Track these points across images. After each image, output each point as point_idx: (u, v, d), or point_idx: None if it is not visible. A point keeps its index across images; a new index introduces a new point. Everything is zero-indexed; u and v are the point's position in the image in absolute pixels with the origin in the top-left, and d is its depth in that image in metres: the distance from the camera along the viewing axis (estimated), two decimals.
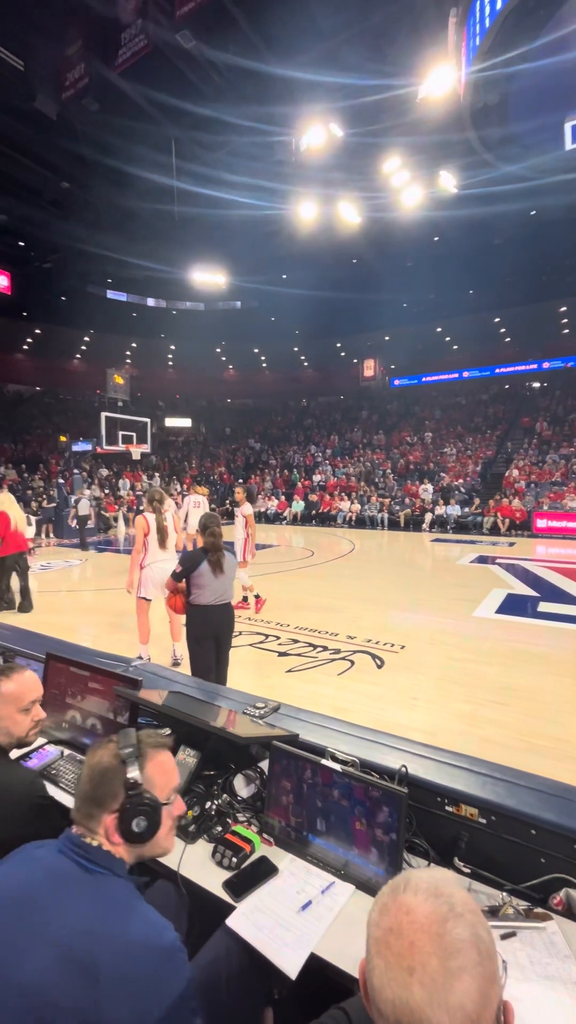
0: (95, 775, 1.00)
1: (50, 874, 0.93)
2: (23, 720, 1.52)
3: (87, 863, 0.94)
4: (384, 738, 1.61)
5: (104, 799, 0.98)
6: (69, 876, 0.92)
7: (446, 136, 11.41)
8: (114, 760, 1.01)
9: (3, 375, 26.03)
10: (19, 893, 0.90)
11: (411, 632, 5.85)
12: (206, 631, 3.46)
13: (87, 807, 0.99)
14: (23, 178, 13.37)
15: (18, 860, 0.99)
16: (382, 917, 0.59)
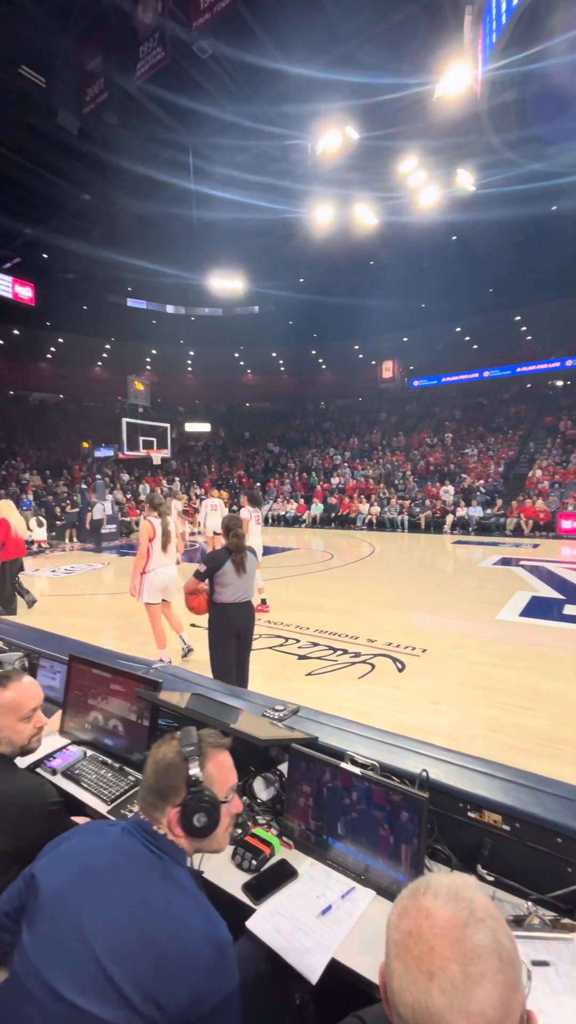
0: (159, 769, 1.05)
1: (124, 851, 1.00)
2: (24, 728, 1.50)
3: (154, 848, 1.00)
4: (404, 742, 1.59)
5: (167, 792, 1.03)
6: (140, 856, 0.98)
7: (463, 135, 11.29)
8: (177, 757, 1.05)
9: (28, 384, 26.70)
10: (99, 863, 0.97)
11: (433, 635, 5.78)
12: (229, 629, 3.53)
13: (151, 798, 1.04)
14: (46, 192, 13.72)
15: (88, 834, 1.06)
16: (401, 920, 0.59)
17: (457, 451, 21.76)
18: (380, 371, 28.80)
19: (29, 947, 0.90)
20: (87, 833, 1.07)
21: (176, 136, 11.58)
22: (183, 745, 1.07)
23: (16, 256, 17.43)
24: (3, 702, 1.47)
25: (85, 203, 14.21)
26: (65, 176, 13.00)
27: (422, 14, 9.09)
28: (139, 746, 1.76)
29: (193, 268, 18.79)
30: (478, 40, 8.23)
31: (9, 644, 2.73)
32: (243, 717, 1.69)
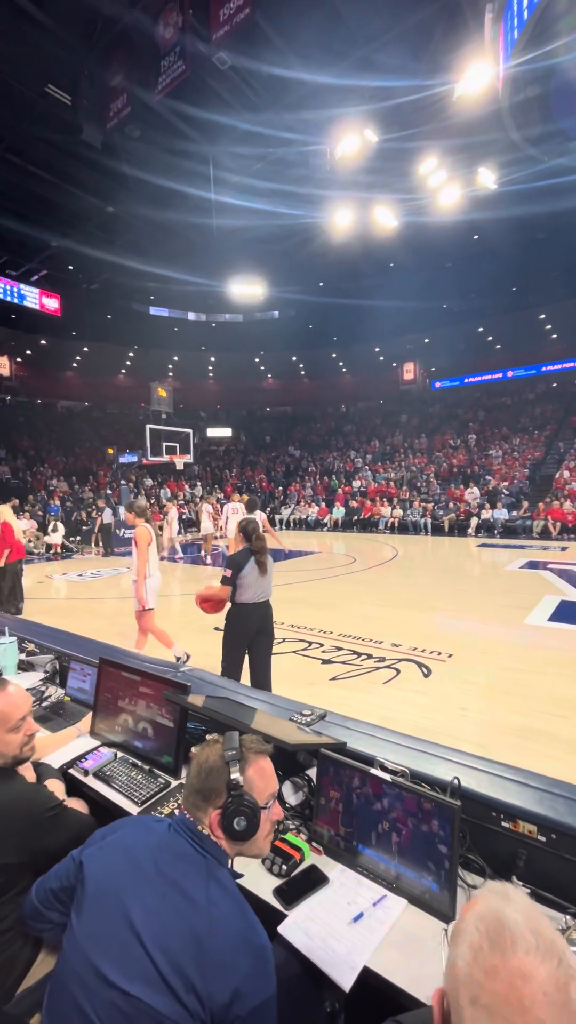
0: (202, 771, 1.08)
1: (170, 848, 1.02)
2: (14, 739, 1.44)
3: (199, 847, 1.02)
4: (434, 748, 1.57)
5: (209, 794, 1.06)
6: (186, 854, 1.01)
7: (484, 133, 11.19)
8: (219, 760, 1.08)
9: (55, 392, 27.38)
10: (146, 857, 1.00)
11: (459, 640, 5.69)
12: (248, 628, 3.58)
13: (195, 798, 1.07)
14: (71, 206, 14.10)
15: (140, 827, 1.09)
16: (491, 981, 0.53)
17: (481, 452, 21.41)
18: (401, 373, 28.59)
19: (78, 932, 0.94)
20: (135, 827, 1.10)
21: (196, 146, 11.76)
22: (225, 749, 1.09)
23: (43, 268, 17.94)
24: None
25: (109, 215, 14.55)
26: (89, 189, 13.34)
27: (440, 15, 9.05)
28: (168, 749, 1.78)
29: (214, 275, 19.03)
30: (499, 38, 8.15)
31: (41, 647, 2.80)
32: (270, 721, 1.69)
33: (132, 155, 11.86)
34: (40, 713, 2.27)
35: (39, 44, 9.20)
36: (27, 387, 25.98)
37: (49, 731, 2.10)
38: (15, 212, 13.96)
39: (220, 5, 7.96)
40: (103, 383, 28.74)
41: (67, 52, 9.50)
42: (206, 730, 1.81)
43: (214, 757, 1.08)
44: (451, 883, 1.15)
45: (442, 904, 1.16)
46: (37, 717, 2.22)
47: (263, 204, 13.87)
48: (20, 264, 17.38)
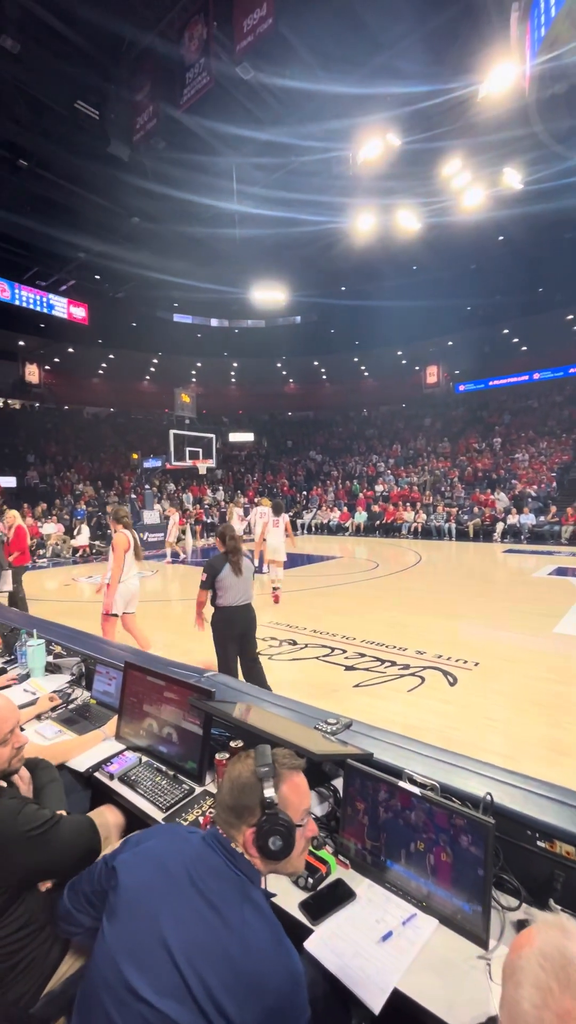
0: (235, 788, 1.05)
1: (204, 862, 1.00)
2: (2, 752, 1.39)
3: (232, 865, 1.00)
4: (464, 761, 1.52)
5: (242, 812, 1.03)
6: (220, 870, 0.99)
7: (509, 132, 11.03)
8: (252, 776, 1.05)
9: (82, 398, 28.02)
10: (179, 870, 0.98)
11: (485, 648, 5.56)
12: (232, 631, 3.75)
13: (227, 815, 1.05)
14: (99, 218, 14.44)
15: (171, 837, 1.08)
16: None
17: (507, 456, 21.01)
18: (424, 376, 28.29)
19: (111, 940, 0.93)
20: (170, 837, 1.08)
21: (219, 157, 11.91)
22: (258, 765, 1.06)
23: (71, 279, 18.40)
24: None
25: (134, 225, 14.84)
26: (116, 201, 13.64)
27: (463, 16, 8.96)
28: (192, 754, 1.78)
29: (236, 282, 19.21)
30: (525, 36, 8.03)
31: (68, 649, 2.84)
32: (296, 729, 1.67)
33: (157, 167, 12.08)
34: (66, 715, 2.30)
35: (69, 62, 9.47)
36: (55, 394, 26.66)
37: (75, 733, 2.12)
38: (45, 224, 14.36)
39: (244, 16, 8.06)
40: (128, 389, 29.28)
41: (95, 69, 9.75)
42: (231, 737, 1.80)
43: (246, 773, 1.05)
44: (485, 904, 1.11)
45: (475, 926, 1.11)
46: (63, 719, 2.25)
47: (285, 212, 13.94)
48: (49, 275, 17.87)
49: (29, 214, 13.96)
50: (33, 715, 2.27)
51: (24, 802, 1.35)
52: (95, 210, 14.01)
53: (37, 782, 1.62)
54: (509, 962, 0.60)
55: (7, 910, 1.27)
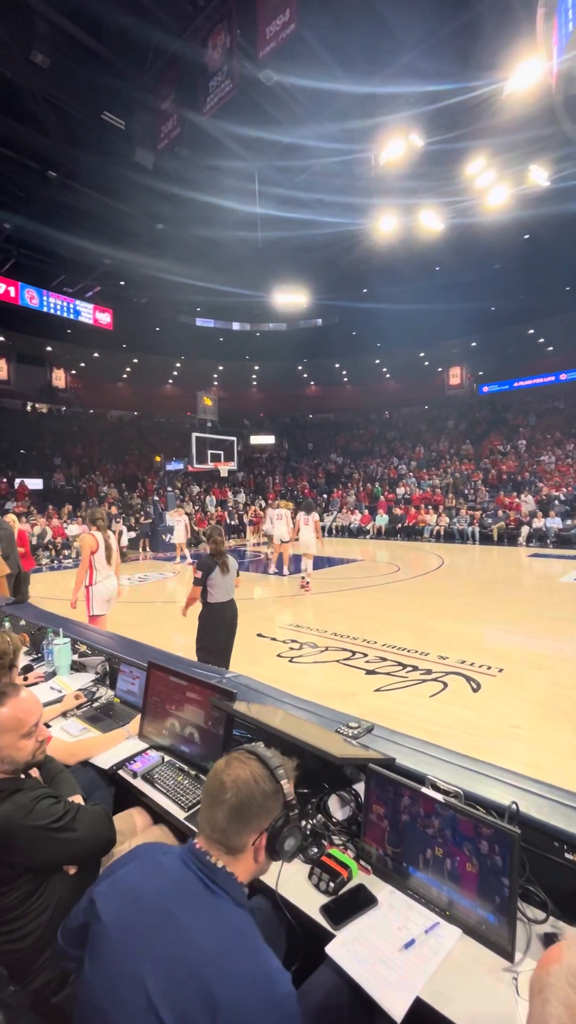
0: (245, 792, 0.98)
1: (177, 885, 0.94)
2: (27, 745, 1.43)
3: (211, 883, 0.94)
4: (488, 769, 1.50)
5: (254, 817, 0.98)
6: (194, 892, 0.93)
7: (535, 130, 10.85)
8: (268, 779, 1.01)
9: (107, 402, 28.56)
10: (152, 899, 0.93)
11: (509, 654, 5.45)
12: (222, 624, 4.16)
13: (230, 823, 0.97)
14: (124, 225, 14.73)
15: (144, 862, 1.01)
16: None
17: (532, 459, 20.58)
18: (447, 378, 27.98)
19: (92, 982, 0.90)
20: (143, 862, 1.02)
21: (242, 162, 12.02)
22: (273, 767, 1.03)
23: (96, 285, 18.80)
24: (1, 720, 1.40)
25: (158, 232, 15.08)
26: (140, 208, 13.88)
27: (487, 14, 8.86)
28: (214, 754, 1.79)
29: (258, 286, 19.34)
30: (552, 32, 7.89)
31: (92, 649, 2.89)
32: (317, 732, 1.67)
33: (181, 174, 12.26)
34: (91, 713, 2.34)
35: (96, 74, 9.70)
36: (80, 398, 27.24)
37: (99, 731, 2.16)
38: (72, 233, 14.72)
39: (267, 23, 8.13)
40: (151, 393, 29.72)
41: (121, 80, 9.95)
42: (252, 738, 1.81)
43: (260, 775, 1.00)
44: (510, 916, 1.09)
45: (500, 938, 1.09)
46: (88, 717, 2.29)
47: (307, 214, 13.97)
48: (76, 282, 18.28)
49: (58, 223, 14.32)
50: (59, 712, 2.32)
51: (40, 796, 1.38)
52: (120, 217, 14.30)
53: (46, 775, 1.67)
54: (537, 977, 0.59)
55: (29, 900, 1.30)
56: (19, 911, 1.29)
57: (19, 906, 1.29)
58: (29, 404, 25.44)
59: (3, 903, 1.28)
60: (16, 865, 1.29)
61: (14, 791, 1.37)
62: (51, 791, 1.44)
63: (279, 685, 2.24)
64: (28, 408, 25.41)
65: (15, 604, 4.10)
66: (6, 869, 1.28)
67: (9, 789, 1.36)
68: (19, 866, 1.29)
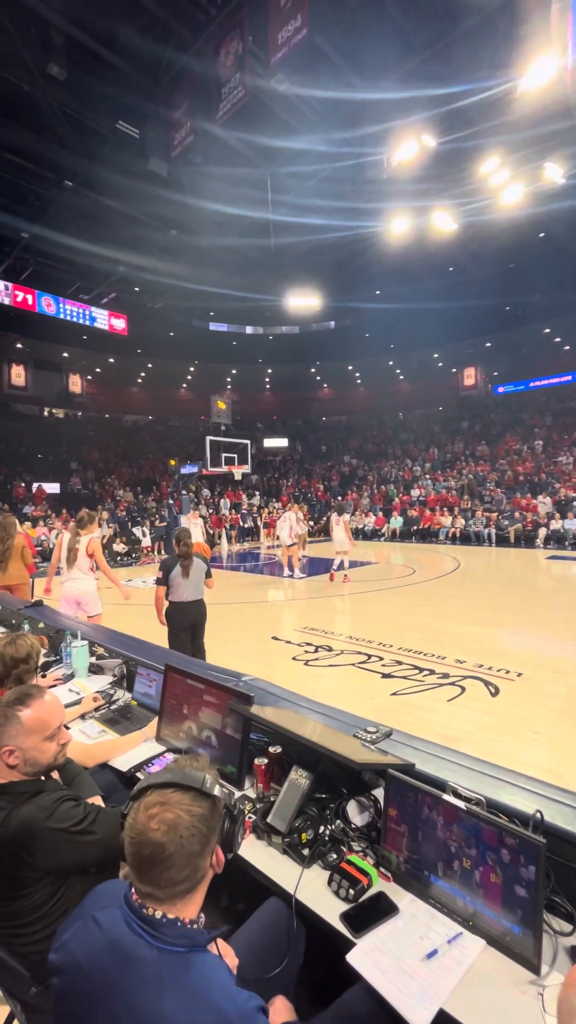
0: (187, 836, 0.87)
1: (113, 949, 0.85)
2: (49, 747, 1.44)
3: (151, 939, 0.85)
4: (511, 776, 1.47)
5: (204, 848, 0.90)
6: (131, 954, 0.84)
7: (550, 127, 10.72)
8: (200, 801, 0.92)
9: (121, 407, 28.90)
10: (96, 968, 0.85)
11: (528, 658, 5.36)
12: (183, 622, 4.29)
13: (177, 873, 0.87)
14: (138, 232, 14.90)
15: (85, 923, 0.92)
16: None
17: (549, 459, 20.29)
18: (461, 378, 27.75)
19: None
20: (84, 919, 0.93)
21: (255, 168, 12.10)
22: (199, 784, 0.93)
23: (112, 292, 19.04)
24: (25, 722, 1.40)
25: (172, 238, 15.24)
26: (155, 215, 14.05)
27: (500, 13, 8.80)
28: (232, 758, 1.79)
29: (271, 290, 19.41)
30: (568, 28, 7.82)
31: (110, 651, 2.92)
32: (335, 737, 1.66)
33: (194, 180, 12.39)
34: (108, 715, 2.35)
35: (110, 84, 9.85)
36: (96, 403, 27.60)
37: (117, 733, 2.17)
38: (88, 241, 14.94)
39: (278, 29, 8.17)
40: (166, 397, 29.99)
41: (136, 90, 10.09)
42: (269, 742, 1.80)
43: (191, 804, 0.90)
44: (536, 928, 1.06)
45: (526, 950, 1.07)
46: (106, 719, 2.31)
47: (319, 218, 14.00)
48: (91, 288, 18.55)
49: (74, 232, 14.55)
50: (78, 714, 2.35)
51: (62, 798, 1.38)
52: (134, 225, 14.48)
53: (66, 776, 1.68)
54: (563, 997, 0.57)
55: (50, 902, 1.31)
56: (40, 913, 1.30)
57: (40, 907, 1.30)
58: (46, 409, 25.85)
59: (25, 905, 1.28)
60: (38, 868, 1.29)
61: (36, 793, 1.37)
62: (72, 793, 1.45)
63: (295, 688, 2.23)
64: (45, 413, 25.82)
65: (33, 607, 4.16)
66: (28, 871, 1.28)
67: (31, 791, 1.37)
68: (41, 868, 1.29)
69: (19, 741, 1.39)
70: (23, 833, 1.28)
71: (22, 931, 1.29)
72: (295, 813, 1.45)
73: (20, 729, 1.39)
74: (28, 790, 1.37)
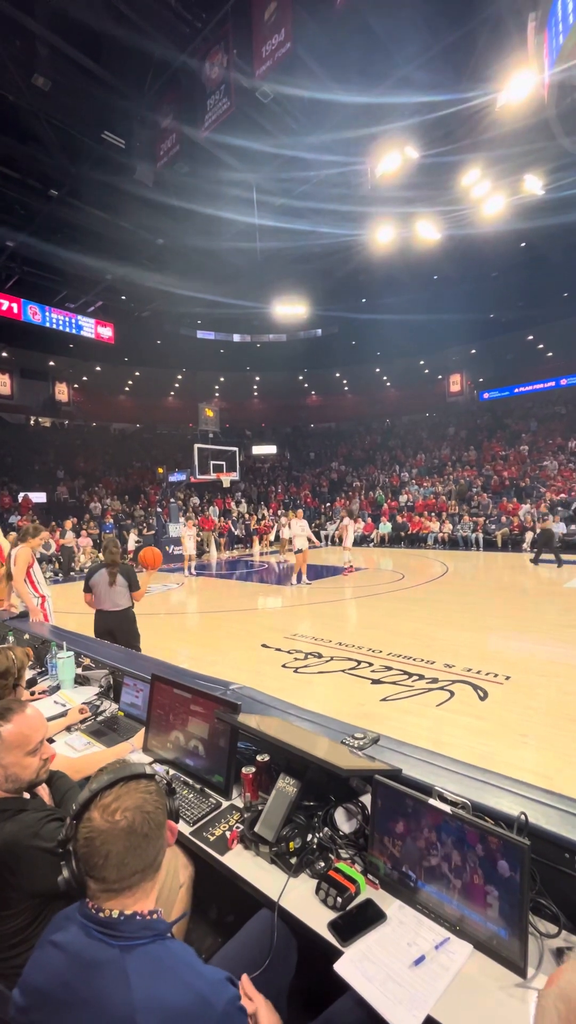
0: (140, 819, 0.89)
1: (76, 962, 0.85)
2: (32, 762, 1.41)
3: (115, 941, 0.85)
4: (496, 779, 1.48)
5: (164, 822, 0.95)
6: (95, 959, 0.84)
7: (529, 141, 10.99)
8: (157, 784, 0.96)
9: (109, 415, 28.76)
10: (55, 989, 0.84)
11: (516, 662, 5.40)
12: (102, 628, 4.26)
13: (136, 860, 0.88)
14: (125, 240, 14.93)
15: (41, 951, 0.91)
16: None
17: (534, 464, 20.57)
18: (447, 385, 28.10)
19: None
20: (40, 948, 0.91)
21: (240, 175, 12.19)
22: (152, 793, 0.94)
23: (98, 300, 19.02)
24: (6, 737, 1.37)
25: (158, 246, 15.28)
26: (141, 224, 14.08)
27: (480, 28, 9.03)
28: (219, 768, 1.77)
29: (258, 298, 19.54)
30: (543, 45, 8.03)
31: (96, 662, 2.88)
32: (323, 744, 1.65)
33: (180, 189, 12.46)
34: (95, 727, 2.33)
35: (96, 95, 9.90)
36: (83, 411, 27.43)
37: (104, 745, 2.15)
38: (74, 250, 14.93)
39: (262, 42, 8.29)
40: (154, 405, 29.91)
41: (121, 99, 10.15)
42: (256, 751, 1.79)
43: (152, 804, 0.93)
44: (522, 930, 1.07)
45: (512, 953, 1.07)
46: (92, 731, 2.28)
47: (305, 225, 14.15)
48: (78, 297, 18.50)
49: (60, 241, 14.53)
50: (63, 727, 2.31)
51: (47, 816, 1.35)
52: (121, 233, 14.50)
53: (56, 792, 1.64)
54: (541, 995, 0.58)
55: (31, 926, 1.27)
56: (23, 935, 1.26)
57: (23, 931, 1.26)
58: (32, 418, 25.64)
59: (7, 927, 1.25)
60: (21, 889, 1.25)
61: (18, 811, 1.34)
62: (58, 812, 1.41)
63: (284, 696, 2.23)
64: (31, 422, 25.60)
65: (19, 618, 4.10)
66: (11, 892, 1.25)
67: (14, 808, 1.34)
68: (24, 890, 1.25)
69: (0, 757, 1.36)
70: (5, 851, 1.25)
71: (5, 954, 1.25)
72: (283, 822, 1.45)
73: (0, 745, 1.37)
74: (10, 807, 1.34)
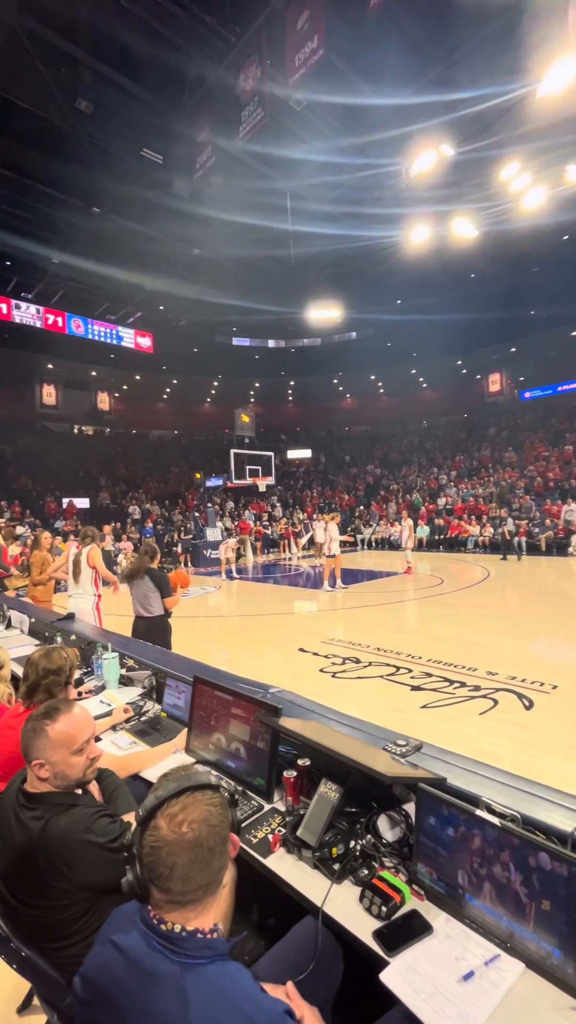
0: (206, 833, 0.90)
1: (135, 970, 0.85)
2: (78, 761, 1.42)
3: (176, 957, 0.85)
4: (546, 792, 1.42)
5: (228, 837, 0.95)
6: (160, 974, 0.84)
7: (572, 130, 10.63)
8: (222, 795, 0.98)
9: (149, 422, 29.55)
10: (115, 994, 0.85)
11: (564, 670, 5.19)
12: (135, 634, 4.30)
13: (201, 874, 0.88)
14: (162, 253, 15.37)
15: (102, 947, 0.92)
16: None
17: None
18: (486, 385, 27.39)
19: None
20: (102, 944, 0.93)
21: (274, 183, 12.33)
22: (216, 804, 0.96)
23: (137, 311, 19.63)
24: (53, 736, 1.39)
25: (195, 257, 15.63)
26: (178, 236, 14.46)
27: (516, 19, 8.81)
28: (260, 771, 1.78)
29: (292, 303, 19.66)
30: None
31: (139, 663, 2.96)
32: (364, 750, 1.64)
33: (215, 200, 12.71)
34: (139, 727, 2.38)
35: (135, 113, 10.25)
36: (124, 419, 28.30)
37: (147, 745, 2.20)
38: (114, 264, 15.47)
39: (295, 51, 8.38)
40: (191, 412, 30.54)
41: (159, 116, 10.47)
42: (297, 754, 1.79)
43: (208, 800, 0.94)
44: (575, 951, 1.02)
45: (567, 975, 1.02)
46: (136, 731, 2.34)
47: (339, 229, 14.16)
48: (118, 309, 19.16)
49: (101, 256, 15.09)
50: (109, 726, 2.38)
51: (98, 812, 1.38)
52: (158, 246, 14.93)
53: (106, 790, 1.69)
54: None
55: (84, 918, 1.31)
56: (76, 927, 1.30)
57: (76, 921, 1.30)
58: (76, 427, 26.64)
59: (61, 918, 1.29)
60: (74, 882, 1.28)
61: (71, 806, 1.38)
62: (108, 809, 1.45)
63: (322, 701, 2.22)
64: (75, 431, 26.60)
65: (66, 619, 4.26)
66: (65, 883, 1.28)
67: (67, 803, 1.38)
68: (76, 883, 1.28)
69: (48, 755, 1.40)
70: (61, 844, 1.29)
71: (59, 944, 1.29)
72: (325, 827, 1.44)
73: (48, 743, 1.40)
74: (64, 802, 1.38)
